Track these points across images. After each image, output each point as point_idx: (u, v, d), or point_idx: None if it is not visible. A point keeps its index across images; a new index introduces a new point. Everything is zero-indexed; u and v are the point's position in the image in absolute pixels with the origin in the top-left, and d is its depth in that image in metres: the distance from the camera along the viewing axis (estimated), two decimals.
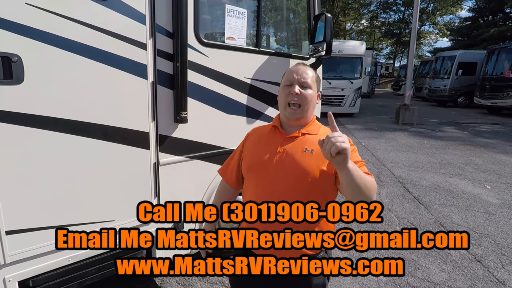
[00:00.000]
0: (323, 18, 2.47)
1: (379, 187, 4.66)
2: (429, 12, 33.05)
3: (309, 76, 1.21)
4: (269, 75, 2.43)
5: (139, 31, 1.70)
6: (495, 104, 12.78)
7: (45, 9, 1.39)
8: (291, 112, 1.21)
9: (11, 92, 1.35)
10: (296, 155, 1.17)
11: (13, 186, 1.42)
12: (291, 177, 1.16)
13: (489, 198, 4.30)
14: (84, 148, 1.60)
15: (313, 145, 1.17)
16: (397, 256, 2.86)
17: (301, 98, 1.19)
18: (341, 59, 11.78)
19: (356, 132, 9.03)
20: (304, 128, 1.24)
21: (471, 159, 6.24)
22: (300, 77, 1.20)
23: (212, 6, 2.30)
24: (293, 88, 1.19)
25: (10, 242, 1.43)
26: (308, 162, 1.15)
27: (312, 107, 1.23)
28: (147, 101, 1.79)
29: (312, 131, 1.24)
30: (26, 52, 1.37)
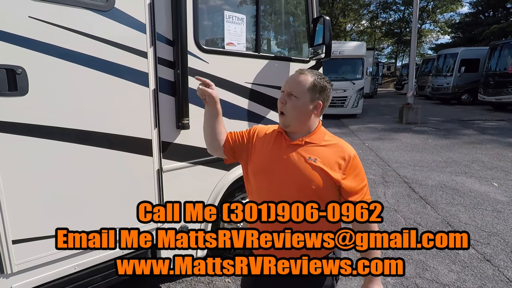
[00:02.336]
0: (321, 21, 2.49)
1: (385, 187, 4.64)
2: (429, 10, 32.98)
3: (299, 86, 1.19)
4: (269, 79, 2.44)
5: (140, 40, 1.73)
6: (500, 100, 12.66)
7: (48, 21, 1.42)
8: (280, 119, 1.25)
9: (16, 104, 1.38)
10: (300, 164, 1.17)
11: (19, 196, 1.44)
12: (295, 184, 1.17)
13: (497, 195, 4.25)
14: (88, 157, 1.62)
15: (316, 154, 1.18)
16: (405, 257, 2.83)
17: (285, 107, 1.20)
18: (342, 61, 11.79)
19: (360, 132, 9.00)
20: (307, 136, 1.23)
21: (477, 157, 6.17)
22: (287, 86, 1.22)
23: (211, 12, 2.33)
24: (280, 97, 1.23)
25: (17, 251, 1.45)
26: (312, 171, 1.16)
27: (302, 116, 1.21)
28: (149, 108, 1.81)
29: (315, 141, 1.22)
30: (30, 64, 1.39)
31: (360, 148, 7.09)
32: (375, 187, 4.66)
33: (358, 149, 7.00)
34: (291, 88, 1.20)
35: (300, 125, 1.22)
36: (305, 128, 1.23)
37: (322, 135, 1.25)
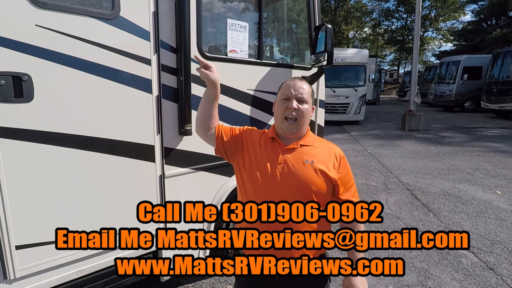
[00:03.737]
0: (323, 29, 2.51)
1: (387, 194, 4.62)
2: (431, 18, 33.13)
3: (305, 91, 1.25)
4: (271, 85, 2.46)
5: (144, 47, 1.76)
6: (503, 108, 12.63)
7: (54, 29, 1.45)
8: (288, 126, 1.24)
9: (22, 110, 1.40)
10: (297, 167, 1.20)
11: (23, 201, 1.45)
12: (294, 188, 1.19)
13: (500, 203, 4.21)
14: (91, 163, 1.64)
15: (312, 156, 1.23)
16: (407, 265, 2.81)
17: (299, 113, 1.23)
18: (344, 67, 11.84)
19: (362, 139, 8.98)
20: (301, 139, 1.28)
21: (480, 164, 6.14)
22: (297, 92, 1.24)
23: (214, 20, 2.37)
24: (291, 103, 1.23)
25: (20, 257, 1.46)
26: (310, 173, 1.19)
27: (307, 120, 1.28)
28: (152, 114, 1.83)
29: (309, 143, 1.28)
30: (36, 71, 1.42)
31: (362, 155, 7.07)
32: (377, 194, 4.64)
33: (360, 155, 6.99)
34: (302, 94, 1.24)
35: (304, 129, 1.29)
36: (304, 131, 1.30)
37: (313, 138, 1.32)
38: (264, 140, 1.32)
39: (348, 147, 7.85)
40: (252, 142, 1.33)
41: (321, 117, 3.01)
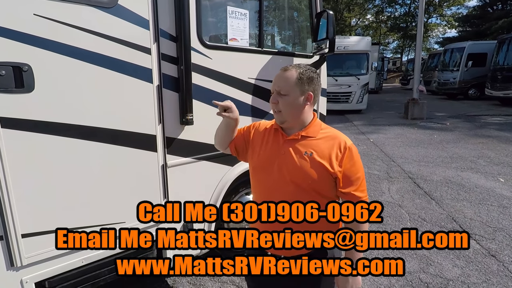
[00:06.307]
0: (325, 16, 2.47)
1: (389, 183, 4.62)
2: (435, 3, 32.44)
3: (286, 82, 1.19)
4: (272, 74, 2.40)
5: (144, 36, 1.74)
6: (508, 95, 12.47)
7: (53, 19, 1.44)
8: (276, 117, 1.26)
9: (23, 100, 1.40)
10: (297, 159, 1.19)
11: (27, 191, 1.47)
12: (292, 180, 1.19)
13: (503, 191, 4.21)
14: (93, 152, 1.64)
15: (312, 147, 1.19)
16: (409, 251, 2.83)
17: (279, 106, 1.21)
18: (346, 56, 11.70)
19: (364, 128, 8.95)
20: (303, 130, 1.23)
21: (484, 152, 6.11)
22: (275, 85, 1.23)
23: (214, 8, 2.33)
24: (272, 97, 1.24)
25: (27, 245, 1.49)
26: (308, 165, 1.17)
27: (296, 110, 1.21)
28: (153, 104, 1.83)
29: (311, 134, 1.23)
30: (36, 61, 1.41)
31: (364, 144, 7.06)
32: (380, 183, 4.65)
33: (362, 144, 6.98)
34: (280, 87, 1.20)
35: (295, 119, 1.23)
36: (300, 121, 1.24)
37: (318, 128, 1.25)
38: (269, 131, 1.32)
39: (351, 136, 7.76)
40: (259, 136, 1.34)
41: (323, 106, 2.99)
